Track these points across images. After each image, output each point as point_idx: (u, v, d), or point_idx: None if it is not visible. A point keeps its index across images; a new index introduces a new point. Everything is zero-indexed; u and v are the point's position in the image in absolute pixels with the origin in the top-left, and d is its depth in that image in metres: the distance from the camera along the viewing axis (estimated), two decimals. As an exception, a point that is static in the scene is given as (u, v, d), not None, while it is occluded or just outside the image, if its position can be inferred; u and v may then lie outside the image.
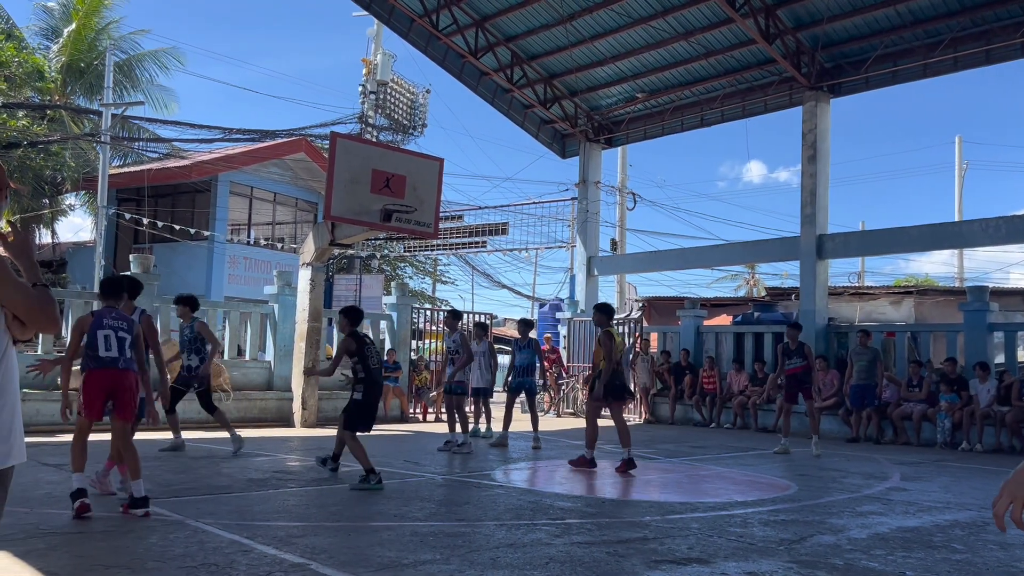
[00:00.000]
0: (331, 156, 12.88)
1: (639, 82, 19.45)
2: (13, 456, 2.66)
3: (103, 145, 22.85)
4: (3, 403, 2.62)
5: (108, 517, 5.98)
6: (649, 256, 22.64)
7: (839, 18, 15.68)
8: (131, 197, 26.45)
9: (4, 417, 2.63)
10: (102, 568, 4.59)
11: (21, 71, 24.53)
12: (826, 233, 16.75)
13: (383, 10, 18.97)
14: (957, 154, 35.36)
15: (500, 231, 23.97)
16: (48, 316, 2.66)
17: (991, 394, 12.98)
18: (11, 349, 2.69)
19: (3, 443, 2.61)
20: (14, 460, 2.66)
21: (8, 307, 2.62)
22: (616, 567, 4.96)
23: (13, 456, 2.66)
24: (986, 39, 14.88)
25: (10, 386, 2.67)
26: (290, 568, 4.71)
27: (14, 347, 2.72)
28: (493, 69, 19.43)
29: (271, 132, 24.41)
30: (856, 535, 6.07)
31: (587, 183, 21.16)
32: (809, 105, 16.85)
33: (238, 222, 27.36)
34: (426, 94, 27.51)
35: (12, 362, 2.70)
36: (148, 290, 13.93)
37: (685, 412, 17.47)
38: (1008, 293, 20.63)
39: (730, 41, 17.17)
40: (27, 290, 2.63)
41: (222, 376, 13.95)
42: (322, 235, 14.05)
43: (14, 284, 2.59)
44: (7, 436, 2.63)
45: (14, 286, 2.59)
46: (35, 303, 2.63)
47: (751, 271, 41.15)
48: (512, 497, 7.60)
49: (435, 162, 13.86)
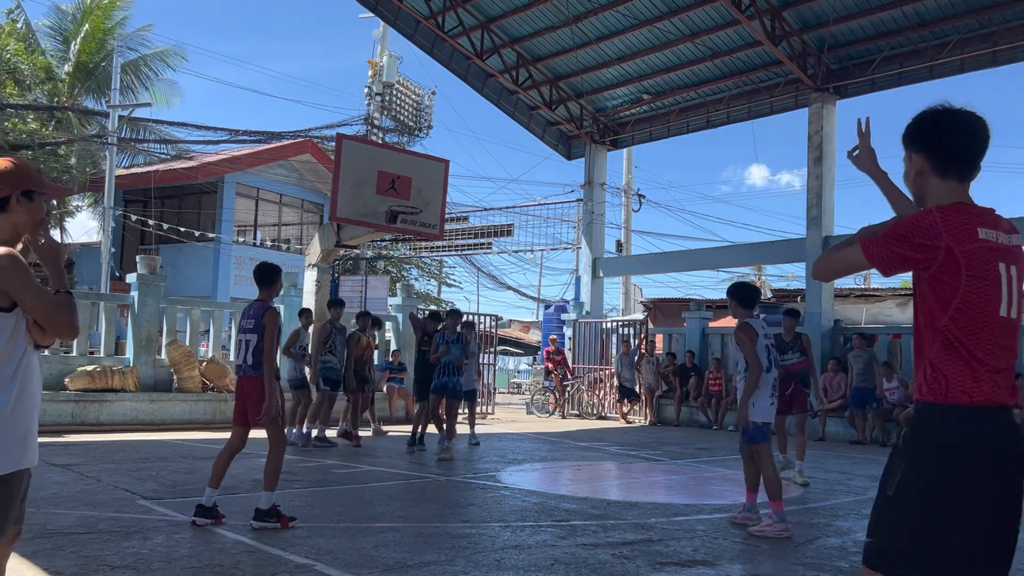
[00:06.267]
0: (337, 157, 12.92)
1: (645, 84, 19.44)
2: (26, 459, 2.67)
3: (109, 146, 22.93)
4: (20, 406, 2.64)
5: (113, 518, 6.00)
6: (655, 258, 22.62)
7: (845, 19, 15.64)
8: (138, 198, 26.54)
9: (21, 419, 2.64)
10: (108, 568, 4.60)
11: (30, 73, 24.63)
12: (832, 235, 16.71)
13: (389, 12, 19.00)
14: (964, 156, 35.24)
15: (505, 233, 23.97)
16: (67, 323, 2.69)
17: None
18: (32, 353, 2.71)
19: (16, 446, 2.63)
20: (27, 463, 2.68)
21: (29, 313, 2.65)
22: (621, 569, 4.96)
23: (26, 459, 2.67)
24: (993, 41, 14.84)
25: (28, 388, 2.68)
26: (295, 569, 4.71)
27: (36, 351, 2.74)
28: (499, 71, 19.44)
29: (277, 134, 24.48)
30: (862, 537, 6.05)
31: (592, 185, 21.16)
32: (815, 107, 16.81)
33: (244, 223, 27.43)
34: (432, 96, 27.54)
35: (33, 366, 2.72)
36: (155, 290, 14.00)
37: (690, 414, 17.44)
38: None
39: (736, 43, 17.15)
40: (47, 297, 2.66)
41: (227, 377, 13.97)
42: (328, 236, 14.07)
43: (35, 291, 2.62)
44: (22, 439, 2.64)
45: (35, 293, 2.62)
46: (54, 310, 2.66)
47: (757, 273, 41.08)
48: (517, 499, 7.59)
49: (441, 163, 13.88)
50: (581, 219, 21.86)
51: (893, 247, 2.32)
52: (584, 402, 19.36)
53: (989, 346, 2.29)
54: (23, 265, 2.63)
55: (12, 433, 2.61)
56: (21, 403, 2.64)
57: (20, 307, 2.63)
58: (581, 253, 21.98)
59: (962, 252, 2.26)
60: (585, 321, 20.44)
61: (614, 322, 20.82)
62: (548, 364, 20.16)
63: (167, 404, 13.45)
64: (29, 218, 2.75)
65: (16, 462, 2.63)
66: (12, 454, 2.62)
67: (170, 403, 13.48)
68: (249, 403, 5.96)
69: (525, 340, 39.18)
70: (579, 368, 20.06)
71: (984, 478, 2.22)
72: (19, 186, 2.74)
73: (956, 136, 2.42)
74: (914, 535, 2.27)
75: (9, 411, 2.60)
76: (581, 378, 19.70)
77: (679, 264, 21.98)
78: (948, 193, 2.41)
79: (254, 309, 6.13)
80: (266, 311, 6.03)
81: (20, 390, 2.64)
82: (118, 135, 23.37)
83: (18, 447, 2.63)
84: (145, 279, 13.89)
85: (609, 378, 19.07)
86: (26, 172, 2.79)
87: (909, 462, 2.32)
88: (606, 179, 21.70)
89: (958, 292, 2.28)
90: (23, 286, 2.60)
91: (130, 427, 12.75)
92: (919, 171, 2.47)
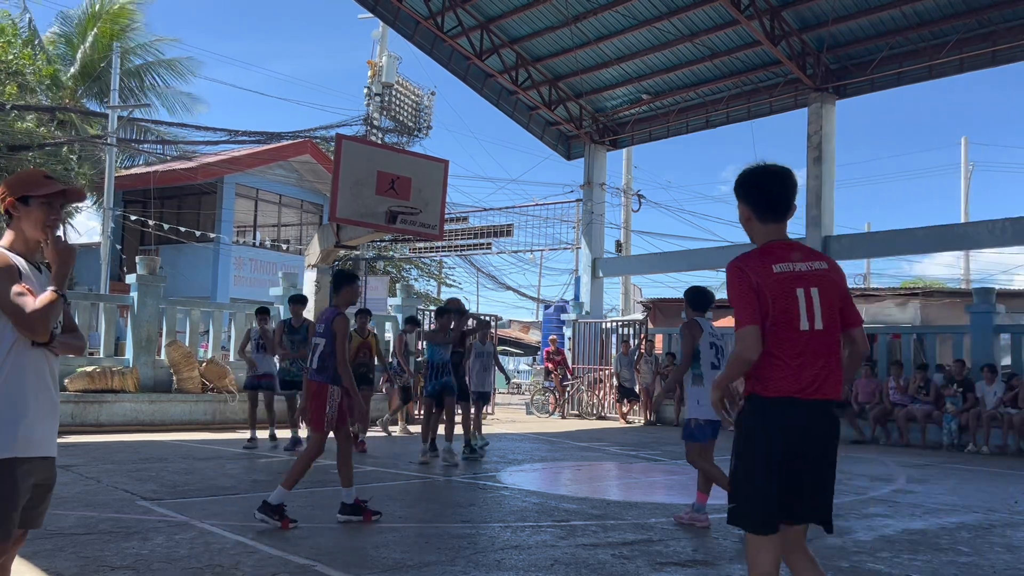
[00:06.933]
0: (336, 158, 12.90)
1: (644, 84, 19.44)
2: (18, 449, 2.75)
3: (109, 147, 22.92)
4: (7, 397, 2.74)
5: (113, 518, 6.00)
6: (654, 258, 22.62)
7: (844, 19, 15.65)
8: (137, 199, 26.54)
9: (6, 410, 2.74)
10: (108, 569, 4.60)
11: (35, 78, 24.64)
12: (832, 235, 16.72)
13: (389, 12, 19.00)
14: (963, 155, 35.31)
15: (505, 233, 23.96)
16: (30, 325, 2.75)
17: (997, 396, 12.94)
18: (28, 350, 2.80)
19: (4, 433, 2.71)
20: (19, 452, 2.75)
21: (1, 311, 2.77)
22: (621, 569, 4.96)
23: (18, 449, 2.75)
24: (992, 40, 14.84)
25: (23, 380, 2.78)
26: (295, 569, 4.71)
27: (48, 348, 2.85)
28: (498, 71, 19.44)
29: (277, 134, 24.47)
30: (862, 537, 6.05)
31: (592, 185, 21.16)
32: (815, 107, 16.82)
33: (244, 224, 27.42)
34: (431, 96, 27.51)
35: (30, 360, 2.81)
36: (154, 291, 14.00)
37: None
38: (1014, 295, 20.54)
39: (735, 43, 17.15)
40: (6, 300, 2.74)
41: (227, 377, 13.98)
42: (327, 237, 14.07)
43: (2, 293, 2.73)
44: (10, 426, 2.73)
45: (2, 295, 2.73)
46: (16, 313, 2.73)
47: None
48: (517, 499, 7.59)
49: (440, 164, 13.87)
50: (581, 219, 21.86)
51: (746, 304, 2.98)
52: (584, 402, 19.36)
53: (794, 352, 2.95)
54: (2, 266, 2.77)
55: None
56: (8, 395, 2.73)
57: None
58: (581, 253, 21.99)
59: (764, 284, 2.97)
60: (585, 321, 20.44)
61: (614, 322, 20.83)
62: (548, 364, 20.17)
63: (167, 405, 13.45)
64: (29, 223, 2.90)
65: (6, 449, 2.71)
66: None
67: (170, 404, 13.48)
68: (310, 405, 6.16)
69: (525, 340, 39.19)
70: (579, 368, 20.06)
71: (794, 449, 2.95)
72: (15, 193, 2.90)
73: (769, 189, 3.12)
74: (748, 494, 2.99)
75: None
76: (581, 378, 19.70)
77: (679, 264, 21.97)
78: (767, 233, 3.13)
79: (325, 315, 6.35)
80: (335, 317, 6.19)
81: (5, 380, 2.73)
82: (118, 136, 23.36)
83: (6, 434, 2.71)
84: (145, 280, 13.90)
85: (609, 378, 19.07)
86: (25, 179, 2.96)
87: (740, 441, 3.06)
88: (606, 179, 21.70)
89: (768, 315, 2.96)
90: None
91: (130, 428, 12.75)
92: (746, 217, 3.17)
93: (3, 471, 2.71)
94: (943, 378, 13.92)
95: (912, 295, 21.27)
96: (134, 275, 14.05)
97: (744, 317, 2.98)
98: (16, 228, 2.90)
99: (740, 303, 3.00)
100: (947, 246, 17.60)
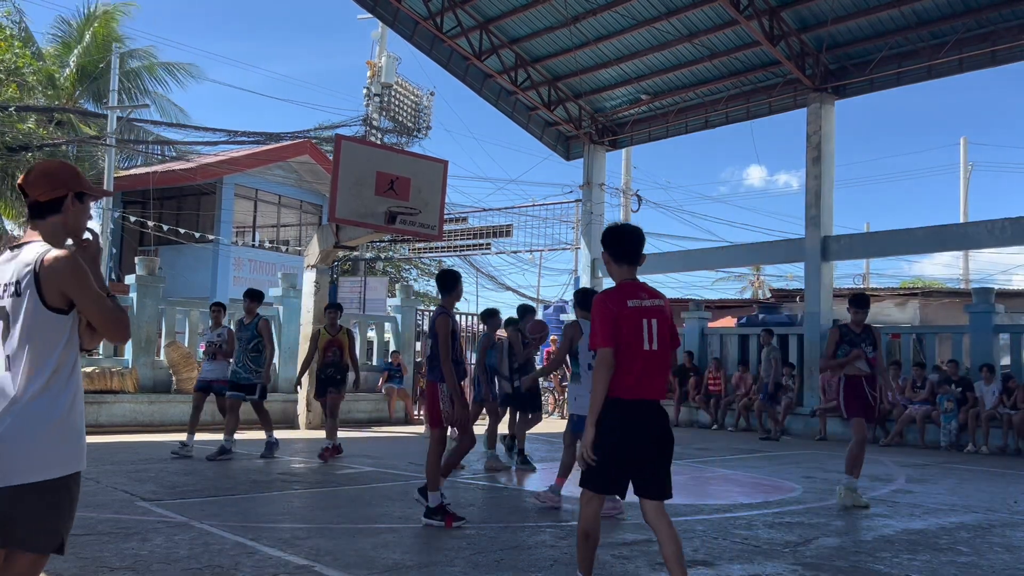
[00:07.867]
0: (336, 158, 12.91)
1: (643, 84, 19.43)
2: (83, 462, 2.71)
3: (108, 148, 22.92)
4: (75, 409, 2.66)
5: (112, 519, 6.00)
6: (653, 258, 22.57)
7: (844, 19, 15.64)
8: (136, 200, 26.51)
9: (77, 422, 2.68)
10: (107, 570, 4.60)
11: (34, 79, 24.64)
12: (831, 235, 16.72)
13: (388, 13, 18.99)
14: (962, 155, 35.31)
15: (504, 233, 23.97)
16: (122, 327, 2.71)
17: (996, 396, 12.95)
18: (79, 358, 2.75)
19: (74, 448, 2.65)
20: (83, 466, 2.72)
21: (86, 315, 2.66)
22: (621, 570, 4.96)
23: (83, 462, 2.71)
24: (992, 40, 14.83)
25: (81, 391, 2.72)
26: (295, 570, 4.71)
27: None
28: (497, 71, 19.44)
29: (276, 135, 24.47)
30: (861, 537, 6.06)
31: (591, 185, 21.15)
32: (814, 107, 16.82)
33: (243, 224, 27.40)
34: (430, 96, 27.53)
35: (80, 368, 2.76)
36: (153, 292, 14.00)
37: (690, 414, 17.44)
38: (1013, 295, 20.56)
39: (734, 43, 17.15)
40: (104, 301, 2.66)
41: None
42: (327, 237, 14.08)
43: (94, 294, 2.63)
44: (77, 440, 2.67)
45: (94, 296, 2.63)
46: (110, 314, 2.67)
47: (756, 273, 41.09)
48: (517, 499, 7.59)
49: (439, 164, 13.88)
50: (580, 219, 21.85)
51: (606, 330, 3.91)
52: (583, 402, 19.36)
53: (638, 366, 3.92)
54: (82, 267, 2.63)
55: (70, 435, 2.64)
56: (75, 406, 2.66)
57: (78, 309, 2.64)
58: (580, 253, 21.98)
59: (620, 315, 3.92)
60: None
61: (613, 322, 20.77)
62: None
63: (166, 405, 13.45)
64: (79, 221, 2.79)
65: (75, 464, 2.66)
66: (72, 456, 2.64)
67: (169, 404, 13.48)
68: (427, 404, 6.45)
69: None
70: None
71: (634, 438, 3.92)
72: (74, 187, 2.77)
73: (622, 242, 4.12)
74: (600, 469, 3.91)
75: (67, 414, 2.62)
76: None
77: (677, 264, 21.96)
78: (621, 273, 4.12)
79: (432, 315, 6.62)
80: (437, 317, 6.39)
81: (75, 393, 2.67)
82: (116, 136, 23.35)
83: (75, 449, 2.66)
84: (144, 280, 13.89)
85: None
86: (78, 174, 2.82)
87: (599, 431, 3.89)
88: (605, 179, 21.68)
89: (622, 338, 3.90)
90: (82, 288, 2.61)
91: (129, 428, 12.75)
92: (607, 261, 4.16)
93: (74, 483, 2.68)
94: (939, 378, 13.94)
95: (911, 295, 21.30)
96: (133, 276, 14.05)
97: (604, 340, 3.90)
98: (57, 223, 2.73)
99: (602, 328, 3.91)
100: (946, 246, 17.58)
